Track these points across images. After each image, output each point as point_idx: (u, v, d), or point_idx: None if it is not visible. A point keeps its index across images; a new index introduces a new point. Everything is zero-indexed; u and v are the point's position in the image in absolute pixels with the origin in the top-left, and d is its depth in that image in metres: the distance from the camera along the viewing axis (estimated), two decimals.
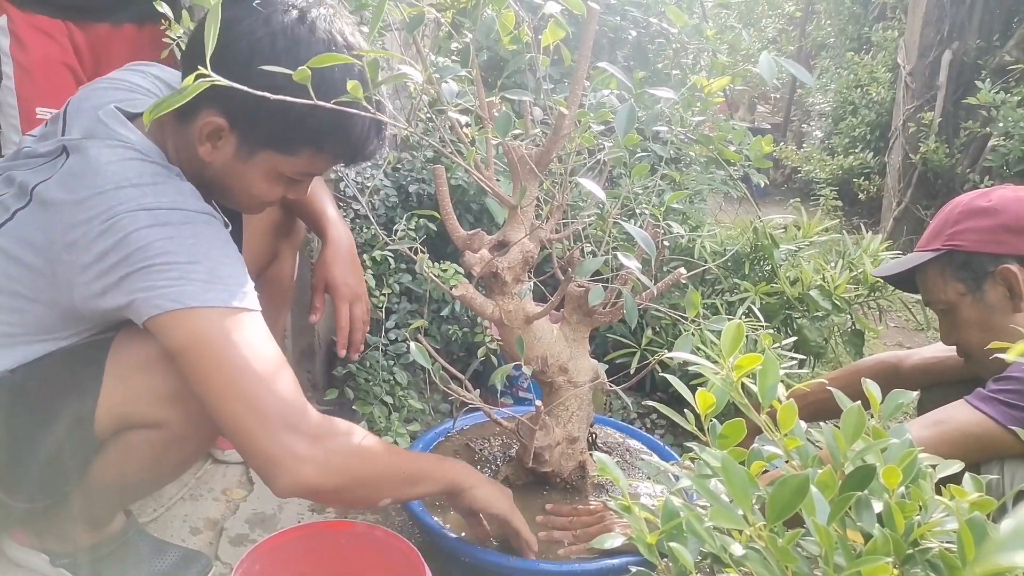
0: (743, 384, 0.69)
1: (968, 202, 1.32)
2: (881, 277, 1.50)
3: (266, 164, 1.05)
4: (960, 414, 1.17)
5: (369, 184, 1.91)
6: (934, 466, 0.68)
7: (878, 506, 0.60)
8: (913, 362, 1.59)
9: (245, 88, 0.70)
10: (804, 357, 1.99)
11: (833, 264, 2.16)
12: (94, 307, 0.99)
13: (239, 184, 1.08)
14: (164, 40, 1.37)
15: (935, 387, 1.49)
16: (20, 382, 1.06)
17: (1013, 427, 1.11)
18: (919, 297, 1.47)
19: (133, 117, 1.06)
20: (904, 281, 1.46)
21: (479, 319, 1.94)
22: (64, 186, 0.98)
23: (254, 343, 0.96)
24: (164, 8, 1.19)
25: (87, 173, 0.98)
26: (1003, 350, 0.52)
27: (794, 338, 1.85)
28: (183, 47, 1.22)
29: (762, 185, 2.34)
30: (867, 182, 5.65)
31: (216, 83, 0.65)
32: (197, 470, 1.60)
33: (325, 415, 1.01)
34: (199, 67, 0.64)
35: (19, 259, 1.01)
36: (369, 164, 1.98)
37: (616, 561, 1.17)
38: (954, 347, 1.40)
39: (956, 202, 1.36)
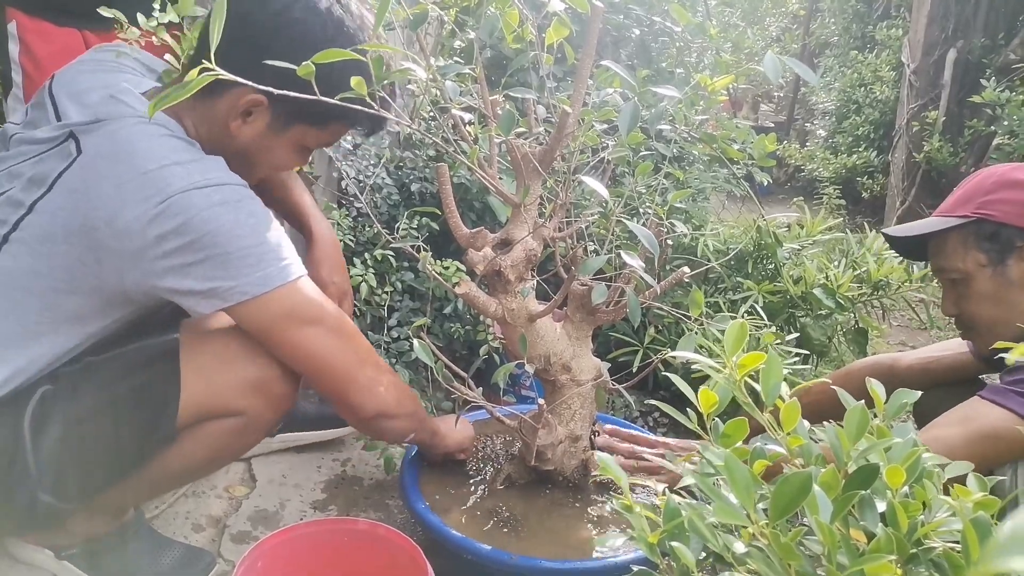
0: (746, 383, 0.69)
1: (1004, 172, 1.29)
2: (890, 237, 1.44)
3: (296, 136, 1.12)
4: (985, 411, 1.15)
5: (370, 182, 1.91)
6: (942, 466, 0.68)
7: (882, 505, 0.60)
8: (907, 362, 1.58)
9: (252, 84, 0.71)
10: (807, 352, 1.98)
11: (836, 263, 2.16)
12: (148, 288, 1.02)
13: (265, 156, 1.13)
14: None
15: (932, 389, 1.48)
16: (89, 384, 1.08)
17: None
18: (922, 296, 1.46)
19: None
20: (912, 246, 1.42)
21: (482, 317, 1.94)
22: (96, 171, 0.98)
23: (324, 303, 1.11)
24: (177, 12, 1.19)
25: (121, 155, 0.99)
26: (1007, 347, 0.52)
27: (796, 335, 1.85)
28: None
29: (765, 184, 2.33)
30: (871, 181, 5.64)
31: (220, 76, 0.65)
32: None
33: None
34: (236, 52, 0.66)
35: (49, 253, 1.00)
36: (372, 162, 1.98)
37: (618, 559, 1.17)
38: (953, 319, 1.37)
39: (991, 171, 1.31)
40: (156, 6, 1.26)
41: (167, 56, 1.36)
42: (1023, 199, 1.24)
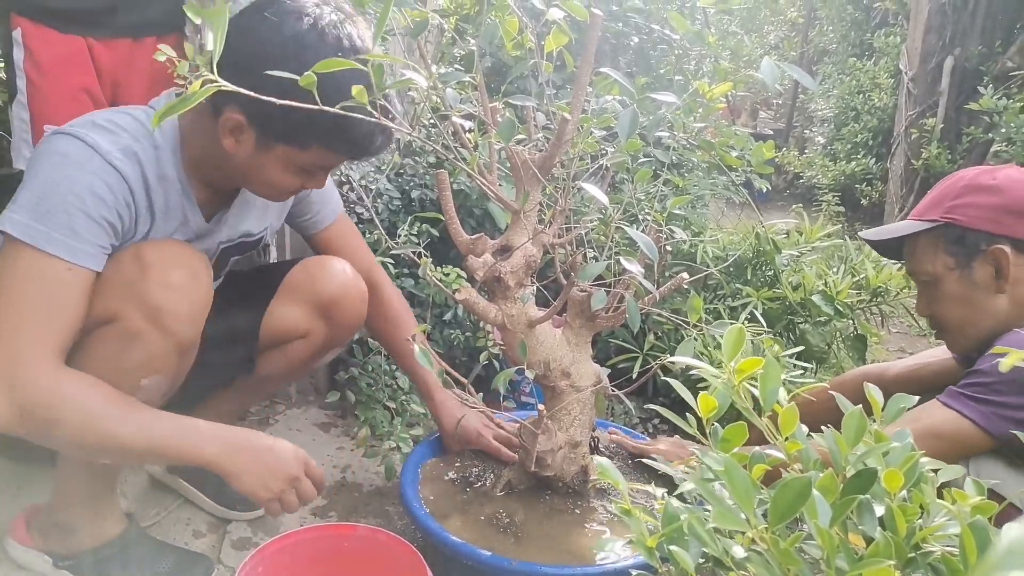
0: (744, 388, 0.69)
1: (973, 177, 1.31)
2: (867, 240, 1.48)
3: (282, 157, 1.12)
4: (933, 412, 1.19)
5: (372, 188, 1.92)
6: (935, 471, 0.68)
7: (880, 509, 0.61)
8: (895, 371, 1.60)
9: (249, 93, 0.71)
10: (808, 365, 1.99)
11: (835, 269, 2.16)
12: None
13: (259, 174, 1.15)
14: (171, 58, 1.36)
15: (925, 395, 1.49)
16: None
17: (982, 424, 1.12)
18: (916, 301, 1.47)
19: None
20: (890, 247, 1.45)
21: (481, 323, 1.95)
22: None
23: (23, 284, 1.05)
24: (191, 18, 1.19)
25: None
26: (996, 349, 0.52)
27: (800, 348, 1.85)
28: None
29: (764, 191, 2.34)
30: (869, 188, 5.65)
31: (222, 88, 0.66)
32: None
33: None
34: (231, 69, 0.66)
35: None
36: (372, 168, 1.99)
37: (617, 565, 1.17)
38: (928, 318, 1.40)
39: (960, 175, 1.34)
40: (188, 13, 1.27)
41: (182, 61, 1.37)
42: (989, 204, 1.27)
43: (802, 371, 1.71)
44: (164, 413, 1.09)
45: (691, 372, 0.75)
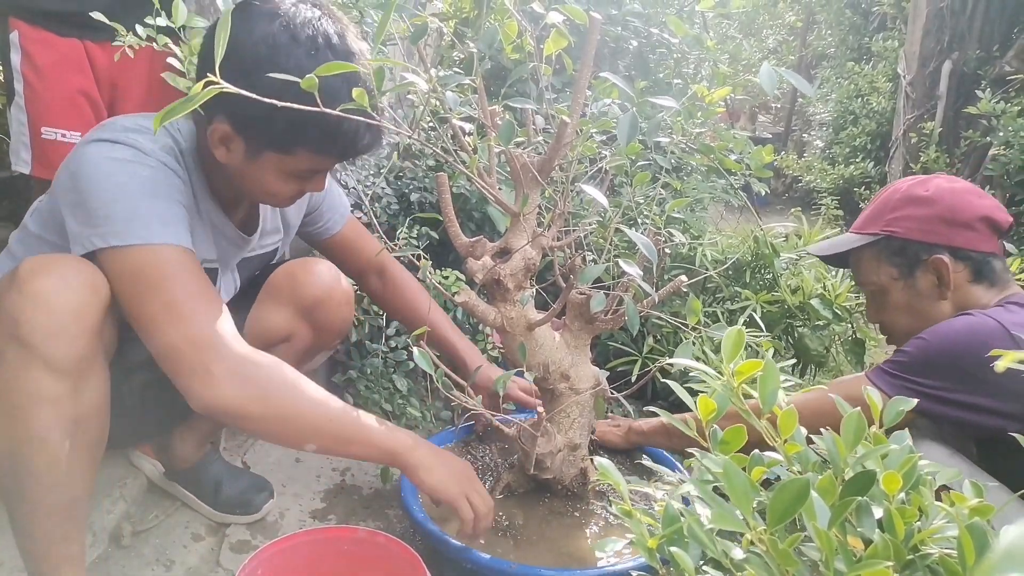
0: (744, 390, 0.69)
1: (907, 189, 1.34)
2: (816, 256, 1.51)
3: (272, 163, 1.10)
4: (849, 384, 1.22)
5: (370, 192, 1.92)
6: (934, 474, 0.68)
7: (878, 511, 0.61)
8: None
9: (244, 92, 0.71)
10: (800, 381, 1.99)
11: (834, 273, 2.17)
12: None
13: (254, 183, 1.14)
14: (168, 60, 1.37)
15: None
16: None
17: (894, 396, 1.13)
18: None
19: None
20: (839, 260, 1.48)
21: (481, 326, 1.95)
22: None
23: (175, 276, 1.06)
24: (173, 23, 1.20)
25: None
26: (995, 358, 0.52)
27: (794, 360, 1.86)
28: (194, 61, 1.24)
29: (763, 194, 2.34)
30: (868, 191, 5.65)
31: (225, 90, 0.66)
32: None
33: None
34: (208, 75, 0.65)
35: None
36: (371, 171, 1.99)
37: (618, 567, 1.17)
38: (878, 325, 1.44)
39: (896, 187, 1.37)
40: (154, 14, 1.27)
41: (170, 59, 1.37)
42: (923, 215, 1.30)
43: (797, 379, 1.71)
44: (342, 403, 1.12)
45: (690, 373, 0.76)
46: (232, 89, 0.68)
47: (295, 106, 0.78)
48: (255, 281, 1.43)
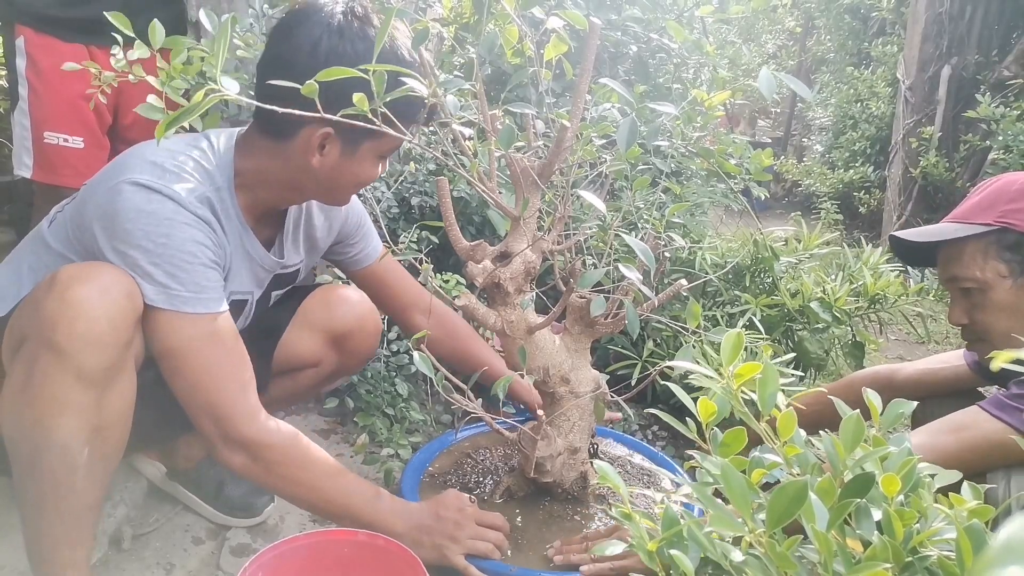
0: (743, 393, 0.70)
1: None
2: (899, 241, 1.37)
3: (370, 151, 1.15)
4: (982, 422, 1.13)
5: (371, 195, 1.93)
6: (932, 476, 0.68)
7: (877, 514, 0.61)
8: (906, 374, 1.58)
9: (263, 102, 0.72)
10: (803, 375, 1.99)
11: (833, 277, 2.17)
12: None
13: (348, 177, 1.18)
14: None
15: (929, 399, 1.49)
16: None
17: None
18: (919, 310, 1.46)
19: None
20: (919, 252, 1.35)
21: (481, 329, 1.95)
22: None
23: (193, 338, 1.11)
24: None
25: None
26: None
27: (794, 355, 1.86)
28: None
29: (763, 198, 2.35)
30: (867, 196, 5.67)
31: (225, 97, 0.66)
32: None
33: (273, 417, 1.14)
34: (270, 80, 0.67)
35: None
36: None
37: None
38: (960, 327, 1.32)
39: (1014, 178, 1.25)
40: (122, 44, 1.26)
41: (152, 80, 1.36)
42: None
43: (793, 378, 1.71)
44: (353, 476, 1.19)
45: (690, 375, 0.76)
46: (234, 97, 0.69)
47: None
48: (277, 301, 1.44)
